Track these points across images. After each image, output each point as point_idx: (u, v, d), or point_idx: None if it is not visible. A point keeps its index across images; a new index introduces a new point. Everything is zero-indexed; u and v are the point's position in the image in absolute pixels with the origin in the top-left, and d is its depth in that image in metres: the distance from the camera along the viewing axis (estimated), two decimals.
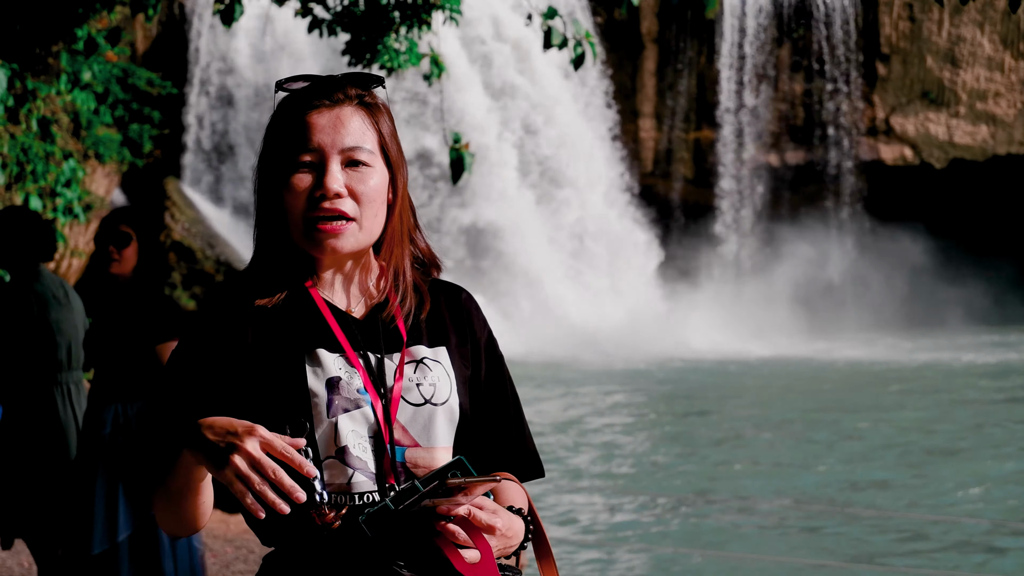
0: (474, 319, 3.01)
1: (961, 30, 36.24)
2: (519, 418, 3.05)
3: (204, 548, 7.42)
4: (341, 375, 2.77)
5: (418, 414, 2.80)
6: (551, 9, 11.43)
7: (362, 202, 2.81)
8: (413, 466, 2.77)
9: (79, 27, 12.56)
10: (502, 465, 2.99)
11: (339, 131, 2.82)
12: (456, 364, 2.91)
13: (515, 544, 2.78)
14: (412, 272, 2.96)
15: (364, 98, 2.89)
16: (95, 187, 27.40)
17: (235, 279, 2.91)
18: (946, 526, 12.60)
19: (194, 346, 2.82)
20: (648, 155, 37.41)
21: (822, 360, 28.65)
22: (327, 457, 2.73)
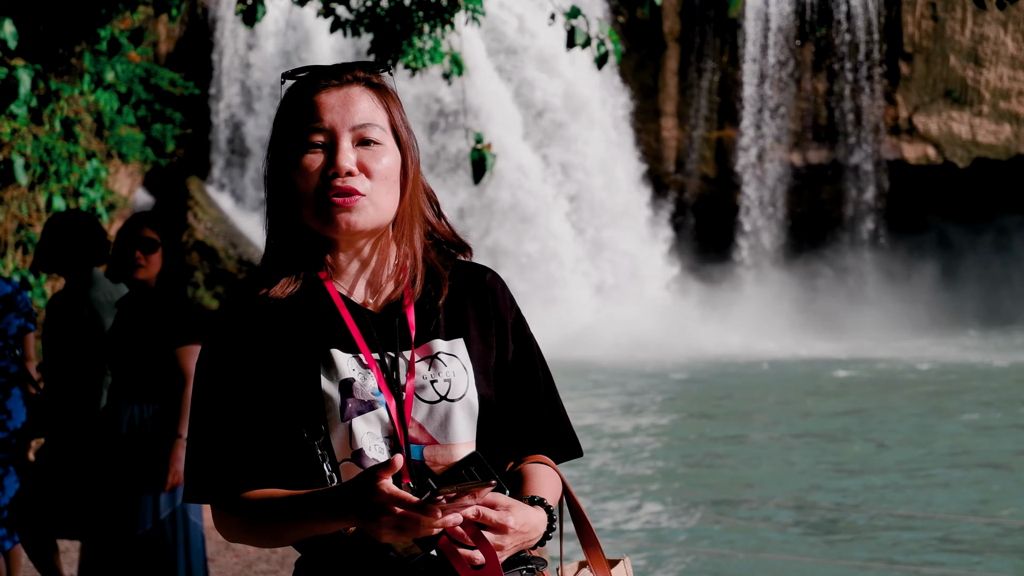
0: (499, 300, 2.93)
1: (984, 29, 36.13)
2: (552, 397, 2.97)
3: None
4: (355, 376, 2.72)
5: (434, 411, 2.74)
6: (574, 8, 11.43)
7: (375, 179, 2.76)
8: (432, 464, 2.71)
9: (102, 27, 12.59)
10: (535, 447, 2.92)
11: (349, 109, 2.77)
12: (476, 356, 2.84)
13: (535, 537, 2.70)
14: (430, 256, 2.89)
15: (372, 80, 2.84)
16: (118, 187, 27.49)
17: (252, 276, 2.86)
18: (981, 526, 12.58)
19: (216, 352, 2.79)
20: (670, 154, 37.36)
21: (842, 361, 28.57)
22: (343, 460, 2.69)
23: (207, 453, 2.75)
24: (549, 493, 2.80)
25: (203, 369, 2.80)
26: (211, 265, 30.38)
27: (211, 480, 2.74)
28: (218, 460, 2.73)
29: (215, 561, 9.44)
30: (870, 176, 37.12)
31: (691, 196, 37.32)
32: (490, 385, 2.84)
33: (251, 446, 2.74)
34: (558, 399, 2.98)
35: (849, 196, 37.35)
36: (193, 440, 2.78)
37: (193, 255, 30.41)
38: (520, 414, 2.90)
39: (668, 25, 36.71)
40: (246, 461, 2.73)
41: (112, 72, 13.98)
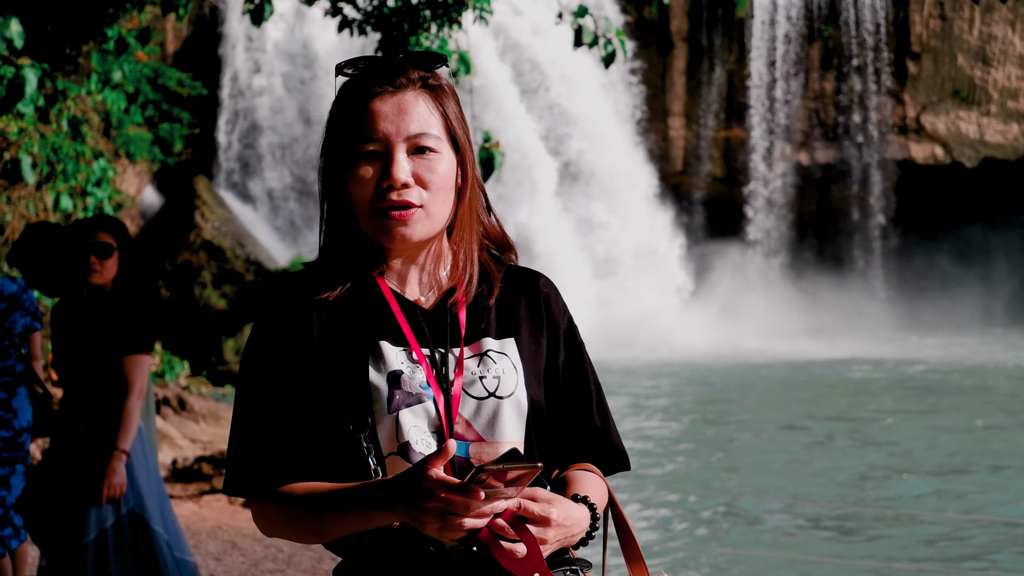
0: (552, 305, 2.89)
1: (992, 28, 36.09)
2: (602, 407, 2.93)
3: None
4: (403, 369, 2.70)
5: (482, 408, 2.70)
6: (581, 7, 11.41)
7: (430, 189, 2.72)
8: (477, 461, 2.68)
9: (109, 27, 12.59)
10: (583, 456, 2.88)
11: (403, 118, 2.72)
12: (526, 355, 2.80)
13: (578, 534, 2.65)
14: (483, 257, 2.86)
15: (427, 80, 2.79)
16: (126, 186, 27.51)
17: (302, 271, 2.83)
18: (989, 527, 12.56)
19: (263, 344, 2.76)
20: (678, 154, 37.36)
21: (851, 359, 28.56)
22: (389, 453, 2.66)
23: (250, 445, 2.73)
24: (595, 496, 2.76)
25: (249, 361, 2.77)
26: (218, 265, 30.38)
27: (253, 472, 2.72)
28: (260, 452, 2.71)
29: (222, 560, 9.43)
30: (877, 176, 37.10)
31: (698, 195, 37.32)
32: (540, 387, 2.80)
33: (295, 439, 2.71)
34: (608, 409, 2.95)
35: (857, 196, 37.33)
36: (236, 432, 2.75)
37: (201, 254, 30.41)
38: (569, 422, 2.87)
39: (676, 25, 36.70)
40: (290, 454, 2.71)
41: (120, 72, 13.98)
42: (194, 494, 11.56)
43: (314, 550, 9.77)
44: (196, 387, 22.44)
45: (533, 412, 2.77)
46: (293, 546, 9.89)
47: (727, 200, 37.24)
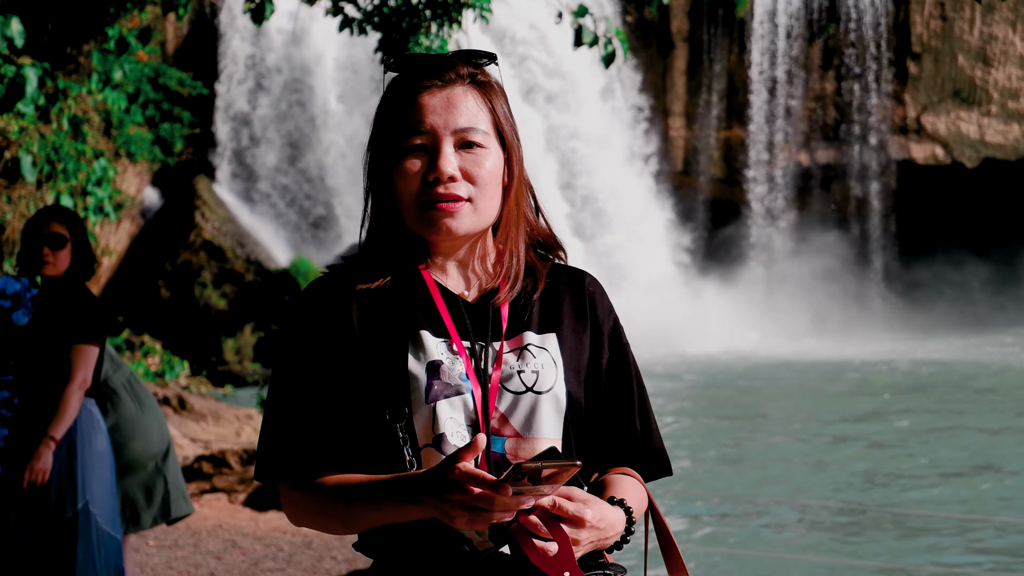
0: (598, 305, 2.87)
1: (993, 28, 36.09)
2: (644, 411, 2.88)
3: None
4: (443, 360, 2.67)
5: (519, 403, 2.67)
6: (582, 7, 11.42)
7: (477, 184, 2.71)
8: (513, 457, 2.65)
9: (110, 26, 12.60)
10: (622, 460, 2.84)
11: (451, 112, 2.71)
12: (568, 352, 2.77)
13: (612, 537, 2.62)
14: (529, 255, 2.84)
15: (476, 76, 2.78)
16: (126, 186, 27.52)
17: (344, 263, 2.83)
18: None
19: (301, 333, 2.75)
20: (678, 154, 37.35)
21: (850, 360, 28.56)
22: (424, 445, 2.63)
23: (282, 432, 2.71)
24: (632, 501, 2.72)
25: (286, 350, 2.76)
26: (218, 265, 30.40)
27: (284, 459, 2.70)
28: (293, 439, 2.70)
29: (222, 559, 9.44)
30: (878, 176, 37.10)
31: (700, 196, 37.32)
32: (580, 385, 2.77)
33: (329, 427, 2.69)
34: (651, 413, 2.91)
35: (856, 195, 37.33)
36: (269, 418, 2.74)
37: (201, 254, 30.43)
38: (610, 424, 2.83)
39: (676, 25, 36.70)
40: (323, 443, 2.69)
41: (120, 71, 13.99)
42: (195, 493, 11.56)
43: (314, 549, 9.78)
44: (196, 387, 22.44)
45: (572, 409, 2.73)
46: (293, 544, 9.90)
47: (728, 200, 37.24)
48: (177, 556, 9.51)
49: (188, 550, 9.70)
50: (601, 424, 2.82)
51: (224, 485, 11.67)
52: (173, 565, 9.27)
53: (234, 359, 28.95)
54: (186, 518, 8.43)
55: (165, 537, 9.94)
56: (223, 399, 21.16)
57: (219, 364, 28.41)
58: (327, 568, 9.29)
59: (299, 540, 10.05)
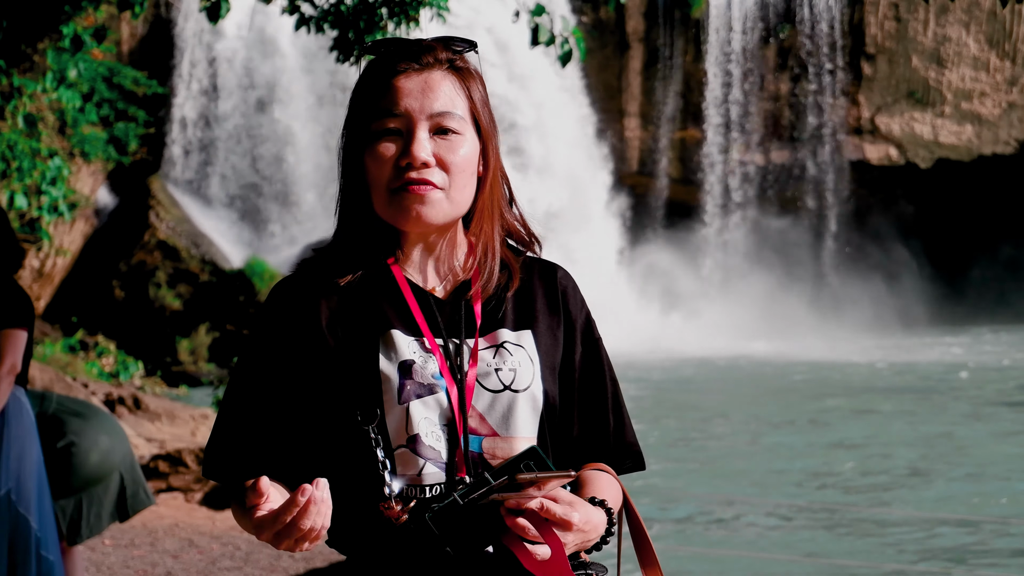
0: (570, 299, 2.81)
1: (947, 30, 36.29)
2: (618, 406, 2.82)
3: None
4: (415, 359, 2.60)
5: (497, 401, 2.61)
6: (539, 6, 11.41)
7: (451, 172, 2.62)
8: (491, 456, 2.58)
9: (65, 24, 12.53)
10: (596, 456, 2.79)
11: (428, 96, 2.63)
12: (543, 349, 2.71)
13: (594, 538, 2.58)
14: (503, 249, 2.77)
15: (455, 62, 2.70)
16: (80, 185, 27.38)
17: (313, 258, 2.75)
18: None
19: (265, 332, 2.69)
20: (634, 154, 37.42)
21: (806, 358, 28.66)
22: (398, 446, 2.57)
23: (229, 432, 2.66)
24: (611, 499, 2.68)
25: (249, 349, 2.70)
26: (173, 265, 30.31)
27: (226, 460, 2.66)
28: (237, 442, 2.65)
29: (179, 558, 9.40)
30: (832, 176, 37.25)
31: (655, 196, 37.39)
32: (555, 382, 2.72)
33: (278, 432, 2.63)
34: (624, 407, 2.85)
35: (811, 195, 37.47)
36: (221, 417, 2.68)
37: (155, 254, 30.33)
38: (583, 420, 2.78)
39: (632, 25, 36.76)
40: (266, 447, 2.63)
41: (75, 69, 13.91)
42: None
43: (272, 547, 9.74)
44: (151, 387, 22.35)
45: (548, 407, 2.68)
46: (251, 543, 9.86)
47: (683, 200, 37.32)
48: (134, 555, 9.46)
49: (145, 549, 9.65)
50: (575, 420, 2.77)
51: (180, 484, 11.62)
52: (130, 564, 9.22)
53: (189, 359, 28.87)
54: (143, 517, 8.38)
55: (121, 536, 9.88)
56: (178, 399, 21.06)
57: (174, 364, 28.32)
58: (285, 567, 9.26)
59: (256, 539, 10.02)
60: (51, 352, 21.15)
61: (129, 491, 7.48)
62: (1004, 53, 36.49)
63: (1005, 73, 36.62)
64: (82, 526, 7.28)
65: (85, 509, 7.30)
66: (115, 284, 29.97)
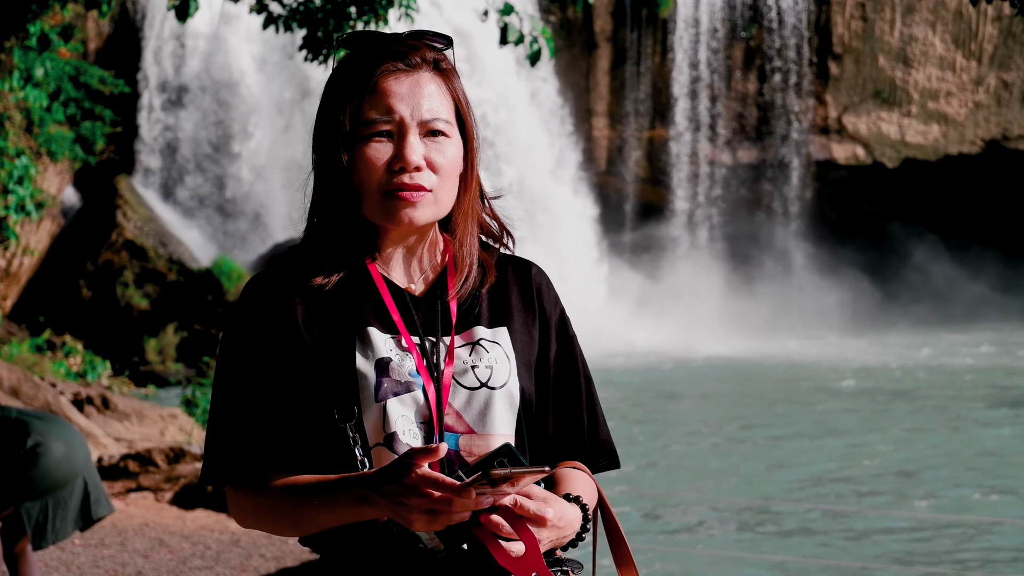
0: (544, 296, 2.82)
1: (913, 30, 36.41)
2: (592, 404, 2.83)
3: None
4: (392, 356, 2.61)
5: (473, 398, 2.62)
6: (507, 5, 11.42)
7: (439, 174, 2.63)
8: (467, 454, 2.59)
9: (32, 23, 12.49)
10: (571, 454, 2.80)
11: (418, 99, 2.63)
12: (519, 346, 2.72)
13: (569, 535, 2.59)
14: (477, 246, 2.78)
15: (440, 63, 2.70)
16: (46, 185, 27.29)
17: (286, 256, 2.73)
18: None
19: (243, 332, 2.67)
20: (602, 154, 37.45)
21: (774, 358, 28.72)
22: (375, 444, 2.57)
23: (228, 435, 2.64)
24: (586, 496, 2.69)
25: (228, 349, 2.69)
26: (140, 264, 30.21)
27: (231, 461, 2.63)
28: (240, 442, 2.63)
29: (149, 557, 9.38)
30: (799, 175, 37.35)
31: (623, 196, 37.42)
32: (531, 379, 2.73)
33: (276, 428, 2.63)
34: (598, 405, 2.86)
35: (779, 195, 37.57)
36: (215, 420, 2.67)
37: (122, 254, 30.23)
38: (558, 418, 2.79)
39: (600, 24, 36.80)
40: (270, 443, 2.63)
41: (42, 68, 13.87)
42: (120, 492, 11.48)
43: (242, 547, 9.73)
44: (118, 387, 22.26)
45: (524, 404, 2.69)
46: (221, 543, 9.85)
47: (651, 200, 37.36)
48: (104, 555, 9.44)
49: (115, 548, 9.63)
50: (550, 417, 2.78)
51: (150, 484, 11.60)
52: (100, 564, 9.20)
53: (156, 359, 28.78)
54: (113, 517, 8.36)
55: (91, 536, 9.86)
56: (146, 399, 21.01)
57: (141, 364, 28.23)
58: (256, 566, 9.25)
59: (227, 538, 10.01)
60: (18, 352, 21.07)
61: (92, 496, 7.47)
62: (970, 53, 36.63)
63: (971, 73, 36.76)
64: (47, 530, 7.26)
65: (51, 513, 7.28)
66: (82, 284, 29.87)
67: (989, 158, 36.97)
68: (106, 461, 12.17)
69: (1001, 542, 12.07)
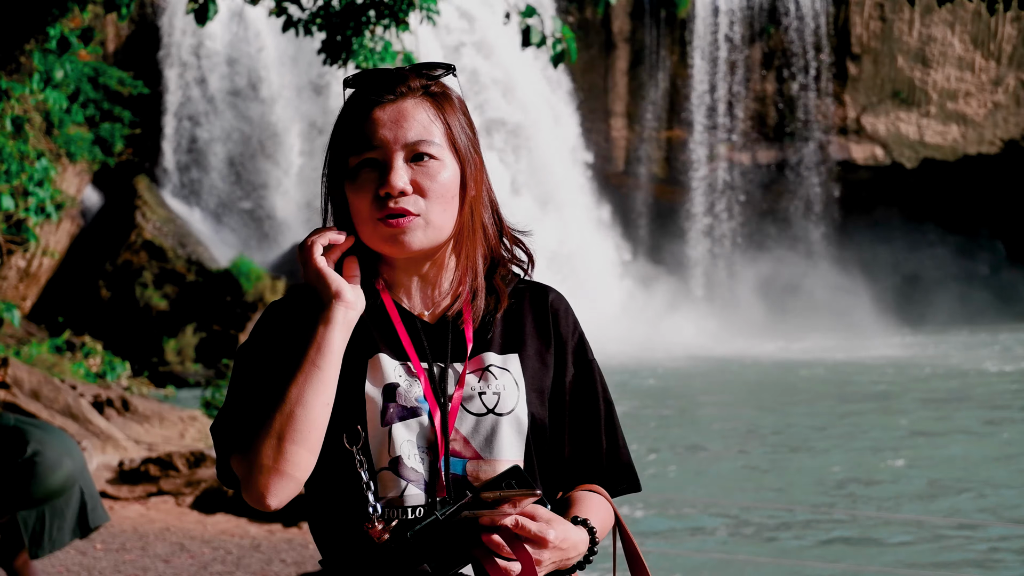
0: (561, 322, 2.81)
1: (932, 30, 36.35)
2: (611, 427, 2.83)
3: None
4: (400, 382, 2.64)
5: (480, 424, 2.64)
6: (529, 8, 11.41)
7: (428, 197, 2.65)
8: (474, 479, 2.61)
9: (52, 26, 12.50)
10: (589, 477, 2.80)
11: (401, 125, 2.66)
12: (529, 372, 2.73)
13: (574, 557, 2.60)
14: (488, 271, 2.79)
15: (430, 88, 2.72)
16: (66, 186, 27.35)
17: (302, 286, 2.75)
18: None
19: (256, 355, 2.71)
20: (620, 154, 37.44)
21: (793, 359, 28.68)
22: (380, 468, 2.60)
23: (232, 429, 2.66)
24: (596, 520, 2.69)
25: (241, 367, 2.72)
26: (159, 265, 30.26)
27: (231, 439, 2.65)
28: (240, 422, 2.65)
29: (170, 562, 9.40)
30: (818, 176, 37.30)
31: (641, 196, 37.40)
32: (543, 405, 2.74)
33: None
34: (618, 428, 2.85)
35: (797, 195, 37.52)
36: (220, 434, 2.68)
37: (141, 254, 30.28)
38: (575, 442, 2.79)
39: (618, 25, 36.78)
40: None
41: (61, 71, 13.87)
42: (141, 496, 11.50)
43: (263, 551, 9.74)
44: (137, 388, 22.29)
45: (534, 430, 2.70)
46: (241, 547, 9.86)
47: (668, 200, 37.34)
48: (125, 559, 9.45)
49: (136, 553, 9.64)
50: (567, 441, 2.79)
51: (171, 488, 11.61)
52: (121, 568, 9.22)
53: (175, 360, 28.82)
54: (135, 521, 8.36)
55: (112, 540, 9.88)
56: (165, 400, 21.04)
57: (160, 365, 28.27)
58: (276, 571, 9.26)
59: (247, 543, 10.02)
60: (37, 352, 21.09)
61: (89, 505, 7.47)
62: (989, 53, 36.56)
63: (990, 73, 36.69)
64: (44, 539, 7.26)
65: (48, 522, 7.29)
66: (101, 284, 29.92)
67: (1008, 158, 36.89)
68: (127, 465, 12.20)
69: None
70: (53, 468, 7.30)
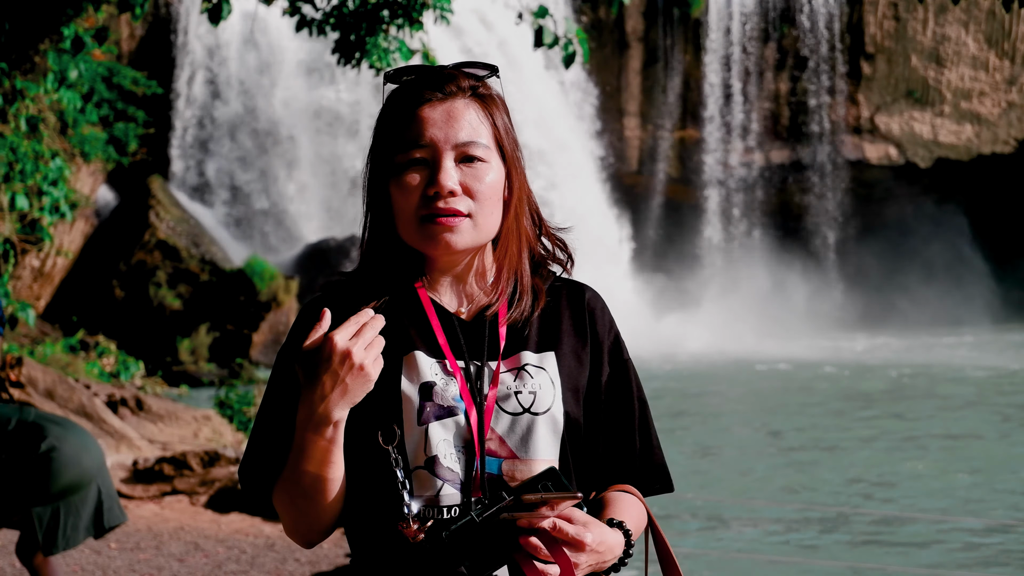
0: (597, 321, 2.83)
1: (946, 29, 36.29)
2: (645, 427, 2.84)
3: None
4: (436, 380, 2.64)
5: (516, 424, 2.64)
6: (542, 8, 11.41)
7: (477, 199, 2.66)
8: (510, 478, 2.61)
9: (66, 26, 12.52)
10: (622, 477, 2.80)
11: (452, 125, 2.66)
12: (565, 371, 2.73)
13: (610, 560, 2.59)
14: (529, 271, 2.80)
15: (478, 89, 2.73)
16: (80, 185, 27.40)
17: (342, 280, 2.79)
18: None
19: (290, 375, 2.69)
20: (633, 154, 37.43)
21: (809, 359, 28.65)
22: (416, 467, 2.60)
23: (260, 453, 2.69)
24: (631, 522, 2.70)
25: (278, 369, 2.73)
26: (173, 264, 30.29)
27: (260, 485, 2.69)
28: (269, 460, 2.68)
29: (185, 561, 9.40)
30: (832, 175, 37.26)
31: (654, 196, 37.39)
32: (579, 404, 2.73)
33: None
34: (652, 428, 2.86)
35: (811, 195, 37.49)
36: (256, 437, 2.72)
37: (155, 254, 30.32)
38: (610, 441, 2.80)
39: (631, 25, 36.77)
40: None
41: (76, 71, 13.89)
42: (155, 495, 11.51)
43: (277, 551, 9.75)
44: (151, 387, 22.30)
45: (569, 429, 2.70)
46: (256, 547, 9.87)
47: (682, 200, 37.32)
48: (139, 559, 9.46)
49: (150, 552, 9.65)
50: (601, 441, 2.79)
51: (185, 487, 11.61)
52: (135, 568, 9.22)
53: (189, 359, 28.86)
54: (149, 520, 8.37)
55: (127, 540, 9.89)
56: (179, 399, 21.05)
57: (174, 364, 28.29)
58: (290, 570, 9.27)
59: (262, 542, 10.02)
60: (51, 352, 21.12)
61: (106, 505, 7.45)
62: (1003, 52, 36.50)
63: (1004, 72, 36.63)
64: (58, 536, 7.23)
65: (63, 519, 7.26)
66: (115, 284, 29.96)
67: (1022, 158, 36.83)
68: (141, 464, 12.21)
69: None
70: (69, 464, 7.28)
